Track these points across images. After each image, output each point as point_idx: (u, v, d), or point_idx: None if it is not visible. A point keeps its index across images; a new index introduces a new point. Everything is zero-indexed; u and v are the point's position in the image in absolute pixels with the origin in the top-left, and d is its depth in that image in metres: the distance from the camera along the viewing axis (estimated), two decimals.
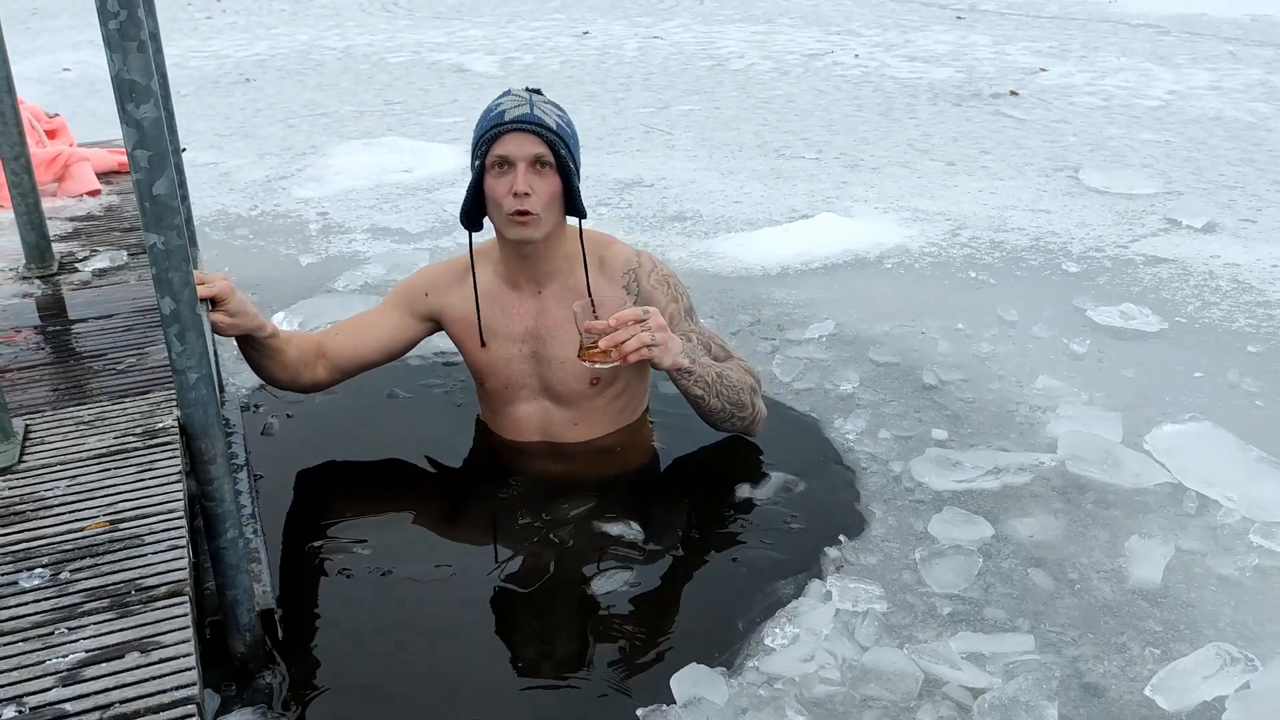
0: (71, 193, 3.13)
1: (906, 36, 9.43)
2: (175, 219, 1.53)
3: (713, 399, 2.27)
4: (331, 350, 2.40)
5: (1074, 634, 1.96)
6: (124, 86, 1.46)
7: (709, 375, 2.26)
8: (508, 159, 2.18)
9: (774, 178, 5.23)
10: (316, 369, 2.39)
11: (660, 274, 2.37)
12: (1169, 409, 2.78)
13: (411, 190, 5.06)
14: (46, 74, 8.34)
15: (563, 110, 2.28)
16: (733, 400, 2.30)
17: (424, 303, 2.44)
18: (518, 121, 2.17)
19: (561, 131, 2.21)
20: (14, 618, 1.30)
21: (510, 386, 2.42)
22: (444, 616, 2.03)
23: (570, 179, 2.22)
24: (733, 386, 2.30)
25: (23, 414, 1.80)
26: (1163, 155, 5.50)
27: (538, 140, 2.17)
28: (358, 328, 2.45)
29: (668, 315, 2.28)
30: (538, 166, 2.19)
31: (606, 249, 2.37)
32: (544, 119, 2.19)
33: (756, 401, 2.38)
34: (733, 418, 2.34)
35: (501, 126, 2.17)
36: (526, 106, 2.19)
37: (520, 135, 2.17)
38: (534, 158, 2.18)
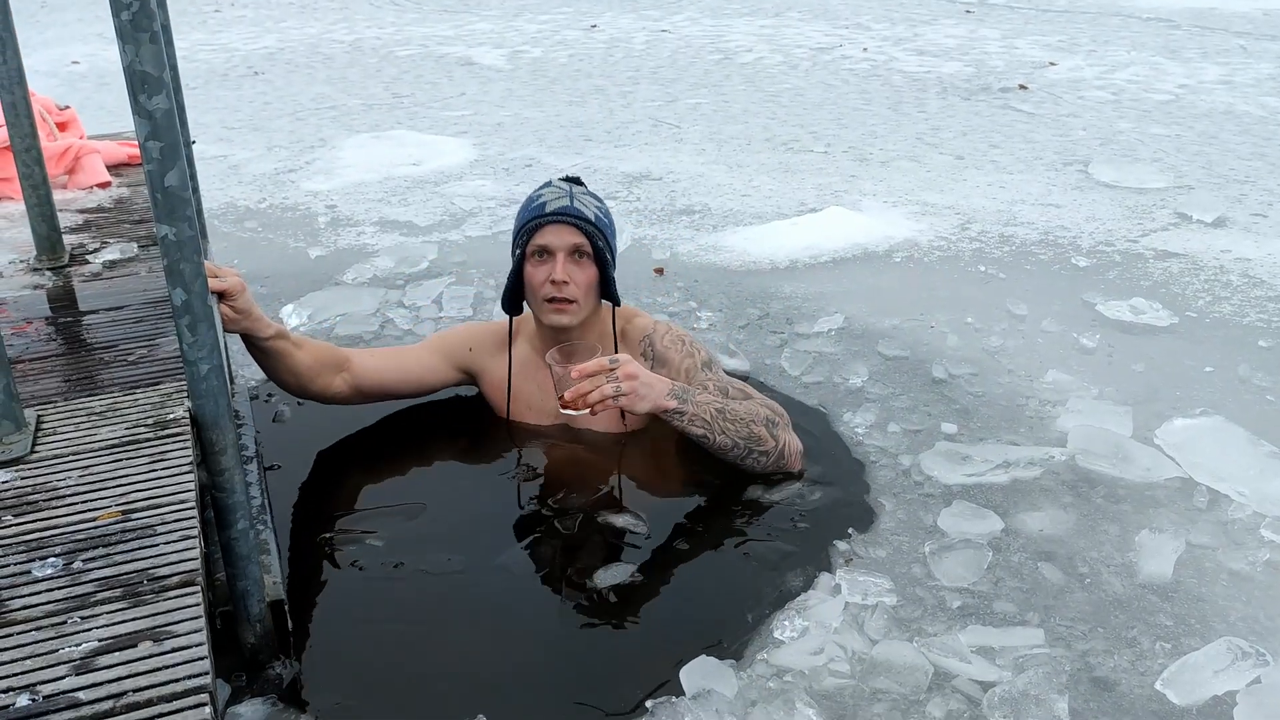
0: (82, 185, 3.13)
1: (915, 30, 9.40)
2: (187, 210, 1.53)
3: (718, 436, 2.24)
4: (358, 367, 2.44)
5: (1084, 628, 1.96)
6: (136, 78, 1.46)
7: (706, 412, 2.23)
8: (548, 248, 2.30)
9: (782, 171, 5.22)
10: (334, 380, 2.41)
11: (674, 335, 2.44)
12: (1179, 404, 2.77)
13: (420, 183, 5.06)
14: (55, 67, 8.35)
15: (601, 201, 2.40)
16: (743, 435, 2.26)
17: (465, 356, 2.53)
18: (558, 214, 2.30)
19: (599, 223, 2.34)
20: (27, 606, 1.30)
21: (539, 440, 2.50)
22: (453, 607, 2.03)
23: (606, 268, 2.34)
24: (739, 420, 2.26)
25: (35, 404, 1.81)
26: (1173, 149, 5.48)
27: (577, 231, 2.30)
28: (391, 355, 2.54)
29: (683, 370, 2.35)
30: (576, 256, 2.31)
31: (629, 322, 2.47)
32: (583, 211, 2.31)
33: (779, 434, 2.32)
34: (751, 454, 2.29)
35: (542, 218, 2.30)
36: (566, 199, 2.32)
37: (560, 226, 2.29)
38: (573, 248, 2.30)
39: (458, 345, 2.55)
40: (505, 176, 5.09)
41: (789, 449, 2.34)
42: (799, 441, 2.38)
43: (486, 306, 3.44)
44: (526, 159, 5.44)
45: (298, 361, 2.33)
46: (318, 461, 2.54)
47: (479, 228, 4.37)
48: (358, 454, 2.59)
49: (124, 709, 1.15)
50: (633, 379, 2.13)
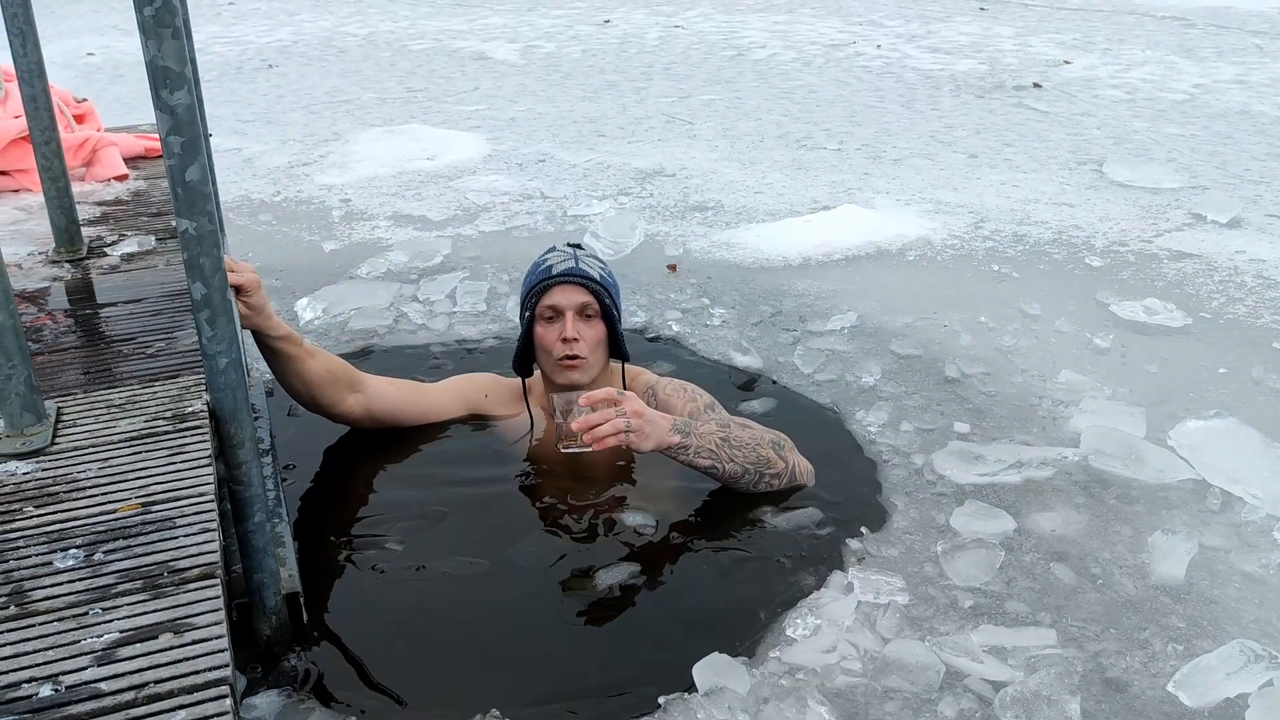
0: (99, 177, 3.15)
1: (929, 27, 9.38)
2: (207, 205, 1.54)
3: (726, 464, 2.23)
4: (374, 393, 2.45)
5: (1096, 629, 1.96)
6: (158, 73, 1.47)
7: (710, 443, 2.23)
8: (557, 308, 2.37)
9: (795, 168, 5.22)
10: (346, 396, 2.42)
11: (676, 385, 2.48)
12: (1193, 405, 2.77)
13: (434, 178, 5.07)
14: (71, 59, 8.38)
15: (604, 263, 2.49)
16: (752, 459, 2.25)
17: (481, 402, 2.59)
18: (565, 275, 2.37)
19: (605, 282, 2.42)
20: (49, 597, 1.32)
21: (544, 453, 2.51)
22: (466, 601, 2.04)
23: (614, 325, 2.40)
24: (744, 445, 2.25)
25: (54, 396, 1.82)
26: (1188, 149, 5.46)
27: (584, 290, 2.37)
28: (409, 389, 2.56)
29: (685, 413, 2.38)
30: (585, 315, 2.38)
31: (635, 379, 2.50)
32: (589, 271, 2.39)
33: (787, 456, 2.31)
34: (763, 478, 2.28)
35: (550, 280, 2.38)
36: (572, 261, 2.41)
37: (568, 287, 2.37)
38: (580, 306, 2.37)
39: (475, 391, 2.60)
40: (519, 171, 5.10)
41: (799, 469, 2.34)
42: (807, 461, 2.38)
43: (500, 302, 3.45)
44: (540, 154, 5.44)
45: (308, 369, 2.33)
46: (330, 454, 2.55)
47: (493, 223, 4.38)
48: (369, 449, 2.60)
49: (145, 700, 1.16)
50: (639, 415, 2.14)
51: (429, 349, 3.19)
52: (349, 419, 2.47)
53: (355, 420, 2.47)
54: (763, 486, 2.29)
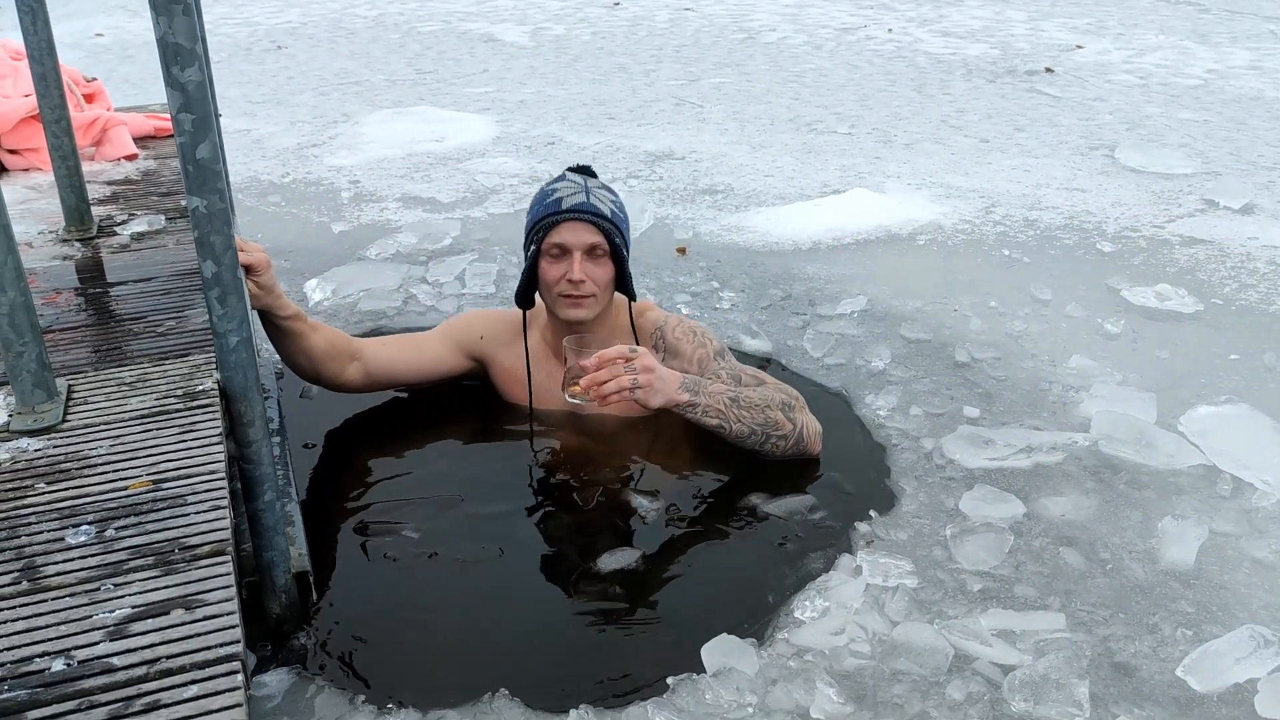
0: (109, 157, 3.15)
1: (941, 11, 9.32)
2: (218, 183, 1.54)
3: (733, 424, 2.22)
4: (370, 357, 2.44)
5: (1105, 613, 1.96)
6: (169, 50, 1.46)
7: (719, 402, 2.21)
8: (564, 246, 2.26)
9: (806, 152, 5.20)
10: (346, 367, 2.41)
11: (685, 327, 2.42)
12: (1204, 391, 2.76)
13: (443, 160, 5.06)
14: (79, 39, 8.37)
15: (615, 194, 2.36)
16: (760, 421, 2.24)
17: (476, 344, 2.52)
18: (574, 210, 2.25)
19: (615, 218, 2.30)
20: (61, 573, 1.32)
21: (549, 433, 2.49)
22: (473, 583, 2.04)
23: (623, 264, 2.31)
24: (753, 406, 2.24)
25: (65, 374, 1.82)
26: (1201, 135, 5.42)
27: (594, 229, 2.26)
28: (402, 345, 2.52)
29: (695, 360, 2.33)
30: (593, 254, 2.27)
31: (641, 316, 2.44)
32: (599, 207, 2.27)
33: (796, 417, 2.29)
34: (769, 439, 2.27)
35: (558, 215, 2.26)
36: (582, 194, 2.27)
37: (577, 224, 2.25)
38: (589, 246, 2.26)
39: (469, 333, 2.53)
40: (528, 154, 5.08)
41: (807, 431, 2.32)
42: (817, 423, 2.36)
43: (509, 284, 3.45)
44: (549, 136, 5.43)
45: (312, 344, 2.33)
46: (339, 434, 2.56)
47: (502, 205, 4.37)
48: (377, 429, 2.60)
49: (157, 675, 1.17)
50: (649, 372, 2.11)
51: None
52: (352, 387, 2.46)
53: (358, 388, 2.46)
54: (769, 448, 2.27)
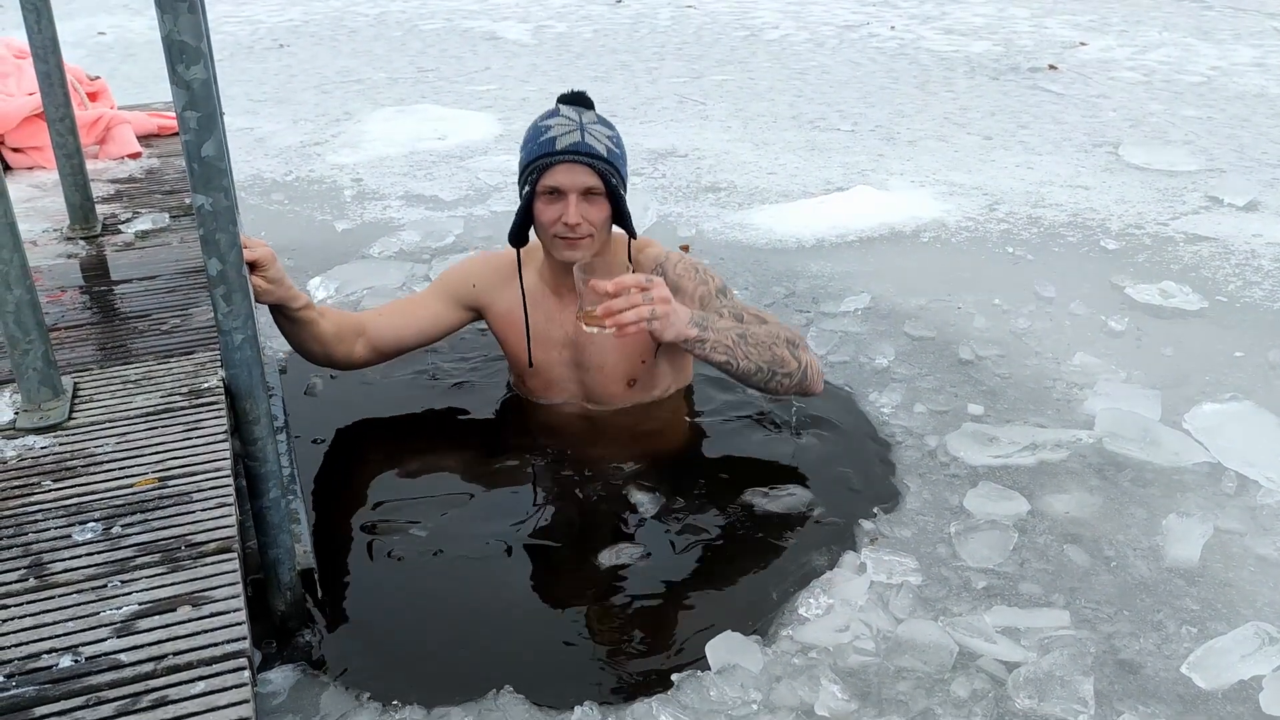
0: (113, 155, 3.15)
1: (943, 8, 9.30)
2: (223, 180, 1.54)
3: (741, 361, 2.17)
4: (373, 330, 2.43)
5: (1110, 611, 1.96)
6: (174, 48, 1.46)
7: (728, 339, 2.16)
8: (559, 189, 2.19)
9: (809, 150, 5.19)
10: (355, 346, 2.41)
11: (687, 263, 2.37)
12: (1209, 388, 2.75)
13: (445, 158, 5.06)
14: (82, 37, 8.37)
15: (612, 129, 2.27)
16: (767, 358, 2.19)
17: (470, 293, 2.47)
18: (569, 152, 2.17)
19: (612, 157, 2.22)
20: (68, 570, 1.32)
21: (550, 388, 2.47)
22: (478, 580, 2.05)
23: (620, 203, 2.24)
24: (760, 343, 2.20)
25: (71, 372, 1.83)
26: (1204, 132, 5.41)
27: (590, 171, 2.18)
28: (400, 311, 2.49)
29: (697, 297, 2.29)
30: (589, 196, 2.20)
31: (641, 253, 2.39)
32: (595, 147, 2.19)
33: (800, 355, 2.25)
34: (776, 376, 2.22)
35: (553, 156, 2.18)
36: (577, 132, 2.18)
37: (572, 166, 2.18)
38: (585, 189, 2.19)
39: (461, 283, 2.48)
40: None
41: (811, 369, 2.27)
42: (819, 362, 2.32)
43: None
44: None
45: (323, 330, 2.33)
46: (344, 432, 2.56)
47: (504, 202, 4.37)
48: (384, 424, 2.61)
49: (165, 671, 1.17)
50: (666, 303, 2.05)
51: None
52: (362, 363, 2.45)
53: (369, 362, 2.46)
54: (774, 385, 2.24)
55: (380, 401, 2.70)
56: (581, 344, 2.37)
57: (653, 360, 2.39)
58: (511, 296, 2.43)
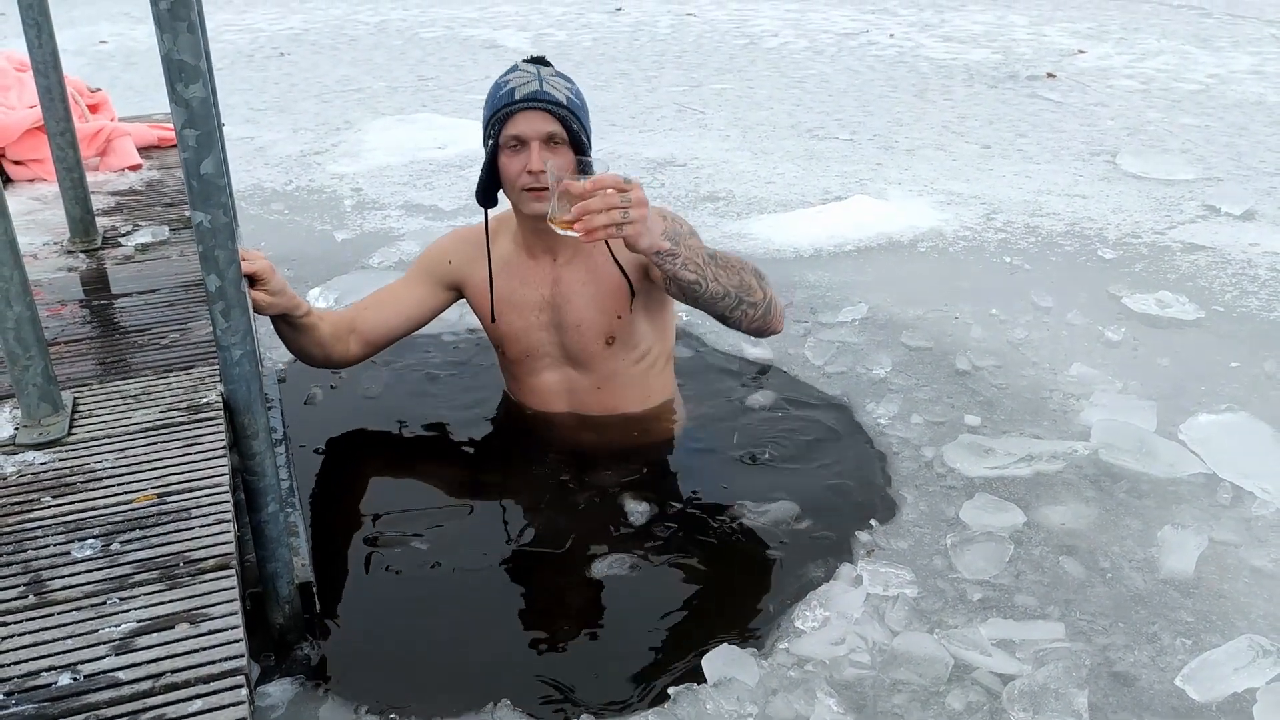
0: (113, 167, 3.17)
1: (942, 16, 9.33)
2: (222, 197, 1.55)
3: (710, 283, 2.10)
4: (362, 325, 2.44)
5: (1105, 623, 1.96)
6: (174, 66, 1.47)
7: (699, 256, 2.09)
8: (521, 138, 2.19)
9: (807, 158, 5.21)
10: (349, 343, 2.42)
11: (655, 209, 2.25)
12: (1205, 399, 2.76)
13: (445, 167, 5.08)
14: (83, 46, 8.41)
15: (571, 81, 2.27)
16: (735, 283, 2.12)
17: (447, 270, 2.47)
18: (529, 100, 2.16)
19: (572, 105, 2.21)
20: (67, 587, 1.33)
21: (531, 355, 2.44)
22: (476, 592, 2.06)
23: (583, 151, 2.22)
24: (729, 266, 2.13)
25: (71, 387, 1.84)
26: (1202, 140, 5.43)
27: (550, 118, 2.17)
28: (385, 301, 2.49)
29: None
30: (551, 144, 2.19)
31: None
32: (554, 94, 2.18)
33: (765, 287, 2.18)
34: (742, 304, 2.14)
35: (512, 105, 2.17)
36: (536, 83, 2.19)
37: (532, 114, 2.17)
38: (547, 135, 2.18)
39: (437, 263, 2.48)
40: None
41: (775, 305, 2.21)
42: (781, 300, 2.26)
43: None
44: None
45: (322, 333, 2.35)
46: (343, 444, 2.58)
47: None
48: (382, 436, 2.62)
49: (163, 689, 1.18)
50: (643, 208, 1.96)
51: (440, 338, 3.20)
52: (358, 359, 2.46)
53: (364, 356, 2.47)
54: (739, 314, 2.16)
55: (379, 412, 2.71)
56: (559, 304, 2.36)
57: (629, 315, 2.35)
58: (485, 266, 2.42)
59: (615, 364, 2.42)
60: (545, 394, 2.48)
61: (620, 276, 2.32)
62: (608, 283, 2.33)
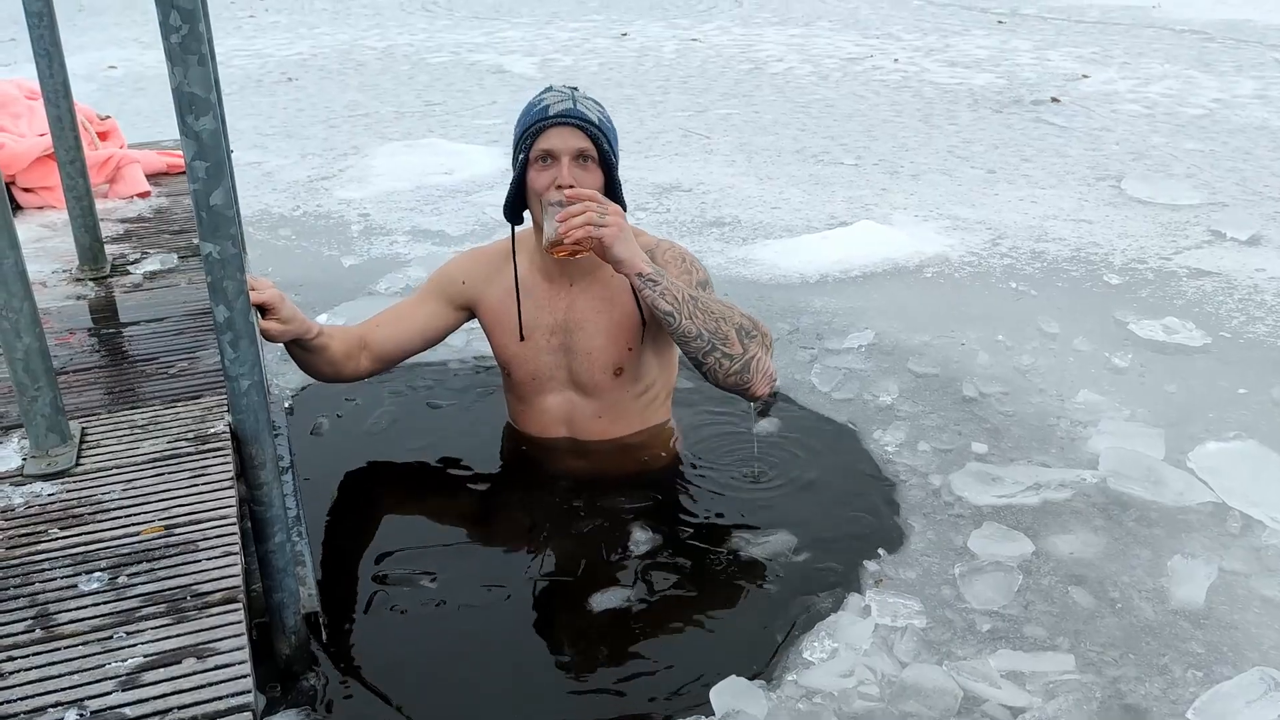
0: (122, 194, 3.19)
1: (947, 41, 9.37)
2: (230, 228, 1.56)
3: (684, 320, 2.13)
4: (373, 342, 2.45)
5: (1115, 654, 1.95)
6: (184, 99, 1.49)
7: (680, 293, 2.14)
8: (552, 153, 2.22)
9: (813, 184, 5.22)
10: (360, 360, 2.44)
11: (676, 251, 2.36)
12: (1213, 426, 2.75)
13: (452, 192, 5.10)
14: (93, 71, 8.46)
15: (603, 106, 2.31)
16: (711, 328, 2.14)
17: (460, 290, 2.48)
18: (562, 116, 2.20)
19: (603, 126, 2.25)
20: (74, 621, 1.33)
21: (538, 378, 2.45)
22: (481, 623, 2.05)
23: (612, 172, 2.27)
24: (710, 313, 2.15)
25: (79, 416, 1.84)
26: (1207, 165, 5.43)
27: (581, 134, 2.21)
28: (397, 318, 2.50)
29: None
30: (581, 160, 2.22)
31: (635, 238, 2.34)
32: (587, 113, 2.22)
33: (750, 345, 2.18)
34: (715, 350, 2.15)
35: (546, 120, 2.21)
36: (569, 101, 2.23)
37: (564, 129, 2.21)
38: (578, 151, 2.21)
39: (450, 282, 2.49)
40: None
41: (756, 364, 2.19)
42: (774, 367, 2.25)
43: None
44: None
45: (334, 352, 2.36)
46: (350, 473, 2.58)
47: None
48: (388, 465, 2.62)
49: None
50: (618, 217, 2.09)
51: (446, 365, 3.20)
52: (369, 375, 2.49)
53: (374, 373, 2.50)
54: (712, 361, 2.16)
55: (383, 441, 2.71)
56: (571, 329, 2.36)
57: (639, 347, 2.38)
58: (503, 286, 2.42)
59: (619, 394, 2.43)
60: (546, 418, 2.49)
61: (634, 307, 2.34)
62: (621, 313, 2.35)
